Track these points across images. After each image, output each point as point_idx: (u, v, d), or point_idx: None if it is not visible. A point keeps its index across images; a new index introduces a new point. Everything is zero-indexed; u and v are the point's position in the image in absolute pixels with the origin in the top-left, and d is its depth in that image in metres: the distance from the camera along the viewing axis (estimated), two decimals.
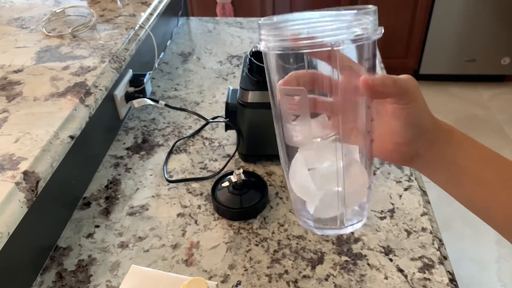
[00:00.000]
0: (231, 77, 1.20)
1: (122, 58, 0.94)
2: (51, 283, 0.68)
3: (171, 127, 1.01)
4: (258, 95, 0.82)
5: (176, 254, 0.72)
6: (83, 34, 1.00)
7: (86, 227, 0.77)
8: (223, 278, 0.68)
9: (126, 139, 0.98)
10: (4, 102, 0.76)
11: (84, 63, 0.88)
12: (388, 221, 0.77)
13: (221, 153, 0.93)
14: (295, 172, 0.44)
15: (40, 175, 0.63)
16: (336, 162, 0.42)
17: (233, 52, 1.33)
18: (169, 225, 0.77)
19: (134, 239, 0.74)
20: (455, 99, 2.81)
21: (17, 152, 0.65)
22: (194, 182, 0.86)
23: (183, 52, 1.34)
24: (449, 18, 2.59)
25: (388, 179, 0.85)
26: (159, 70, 1.24)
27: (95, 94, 0.81)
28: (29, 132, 0.69)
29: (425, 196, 0.82)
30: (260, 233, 0.75)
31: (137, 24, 1.06)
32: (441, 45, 2.70)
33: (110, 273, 0.69)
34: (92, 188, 0.85)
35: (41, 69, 0.86)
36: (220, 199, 0.78)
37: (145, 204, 0.81)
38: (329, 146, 0.43)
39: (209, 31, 1.46)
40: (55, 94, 0.78)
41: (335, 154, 0.42)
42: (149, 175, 0.88)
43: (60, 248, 0.74)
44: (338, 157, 0.42)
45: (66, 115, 0.73)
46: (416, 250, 0.71)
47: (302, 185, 0.45)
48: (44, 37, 0.99)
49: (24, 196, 0.60)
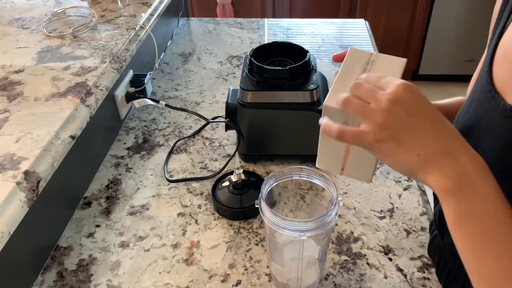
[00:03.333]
0: (231, 77, 1.21)
1: (123, 58, 0.94)
2: (52, 282, 0.68)
3: (172, 127, 1.02)
4: (258, 95, 0.82)
5: (176, 254, 0.72)
6: (83, 34, 1.01)
7: (86, 226, 0.78)
8: (223, 278, 0.68)
9: (127, 139, 0.98)
10: (5, 102, 0.77)
11: (85, 64, 0.88)
12: (387, 221, 0.77)
13: (221, 153, 0.93)
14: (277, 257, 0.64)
15: (41, 175, 0.63)
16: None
17: (233, 52, 1.33)
18: (170, 224, 0.77)
19: (134, 239, 0.75)
20: None
21: (18, 152, 0.65)
22: (195, 182, 0.86)
23: (184, 52, 1.34)
24: (449, 19, 2.60)
25: (388, 179, 0.86)
26: (160, 71, 1.25)
27: (96, 94, 0.81)
28: (30, 132, 0.69)
29: (424, 196, 0.82)
30: (260, 233, 0.75)
31: (137, 24, 1.06)
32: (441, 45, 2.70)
33: (111, 272, 0.69)
34: (92, 187, 0.86)
35: (42, 69, 0.87)
36: (220, 199, 0.78)
37: (145, 204, 0.81)
38: (295, 249, 0.62)
39: (209, 31, 1.47)
40: (56, 94, 0.79)
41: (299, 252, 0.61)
42: (150, 175, 0.88)
43: (61, 248, 0.74)
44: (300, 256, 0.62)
45: (67, 115, 0.73)
46: (416, 250, 0.72)
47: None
48: (45, 37, 0.99)
49: (25, 195, 0.60)
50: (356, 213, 0.79)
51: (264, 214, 0.57)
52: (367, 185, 0.84)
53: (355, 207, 0.80)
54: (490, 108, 0.50)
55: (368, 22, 1.48)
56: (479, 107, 0.53)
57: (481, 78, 0.54)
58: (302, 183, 0.65)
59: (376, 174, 0.86)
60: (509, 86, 0.48)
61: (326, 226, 0.55)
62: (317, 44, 1.36)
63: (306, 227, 0.54)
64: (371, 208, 0.79)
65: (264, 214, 0.57)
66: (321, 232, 0.56)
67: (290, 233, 0.55)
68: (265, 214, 0.57)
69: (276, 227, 0.55)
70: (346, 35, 1.42)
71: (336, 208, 0.56)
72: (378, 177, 0.86)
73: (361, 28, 1.45)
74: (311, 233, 0.55)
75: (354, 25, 1.48)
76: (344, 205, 0.80)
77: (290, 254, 0.62)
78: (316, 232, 0.55)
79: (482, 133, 0.51)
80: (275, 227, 0.55)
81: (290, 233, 0.55)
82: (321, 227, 0.55)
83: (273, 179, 0.62)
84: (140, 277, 0.68)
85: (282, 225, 0.55)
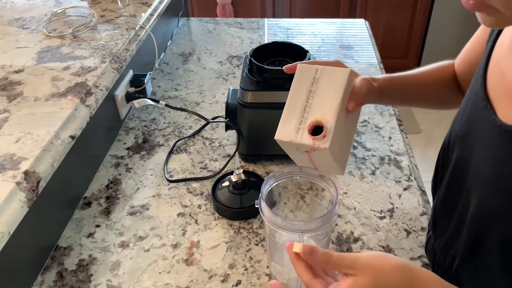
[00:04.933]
0: (231, 77, 1.21)
1: (123, 58, 0.94)
2: (51, 282, 0.68)
3: (172, 127, 1.02)
4: (258, 95, 0.82)
5: (176, 254, 0.72)
6: (83, 34, 1.01)
7: (86, 226, 0.77)
8: (223, 278, 0.68)
9: (127, 139, 0.98)
10: (5, 102, 0.77)
11: (85, 64, 0.88)
12: (387, 221, 0.77)
13: (221, 153, 0.93)
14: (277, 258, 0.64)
15: (41, 175, 0.63)
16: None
17: (233, 52, 1.33)
18: (170, 224, 0.77)
19: (134, 239, 0.75)
20: None
21: (18, 152, 0.65)
22: (195, 182, 0.86)
23: (184, 52, 1.34)
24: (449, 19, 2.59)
25: (388, 179, 0.86)
26: (160, 71, 1.24)
27: (96, 94, 0.81)
28: (30, 132, 0.69)
29: (424, 196, 0.82)
30: (260, 233, 0.75)
31: (137, 24, 1.06)
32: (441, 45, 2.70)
33: (111, 272, 0.69)
34: (92, 188, 0.86)
35: (42, 69, 0.87)
36: (220, 199, 0.78)
37: (145, 204, 0.81)
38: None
39: (209, 31, 1.47)
40: (56, 94, 0.79)
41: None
42: (150, 175, 0.88)
43: (61, 248, 0.74)
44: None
45: (66, 115, 0.73)
46: (416, 250, 0.71)
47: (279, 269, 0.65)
48: (45, 37, 0.99)
49: (25, 196, 0.60)
50: (356, 213, 0.79)
51: (264, 214, 0.57)
52: (367, 185, 0.84)
53: (355, 207, 0.80)
54: (482, 118, 0.50)
55: (368, 22, 1.48)
56: (473, 113, 0.52)
57: (476, 81, 0.53)
58: (302, 183, 0.65)
59: (376, 174, 0.86)
60: (500, 98, 0.48)
61: (326, 226, 0.55)
62: (317, 44, 1.36)
63: (306, 227, 0.54)
64: (371, 208, 0.79)
65: (264, 214, 0.57)
66: (321, 232, 0.56)
67: (290, 233, 0.55)
68: (265, 214, 0.57)
69: (276, 227, 0.55)
70: (346, 35, 1.42)
71: (336, 208, 0.56)
72: (378, 177, 0.86)
73: (361, 28, 1.45)
74: (311, 233, 0.55)
75: (354, 25, 1.48)
76: (344, 205, 0.80)
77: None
78: (316, 232, 0.55)
79: (475, 143, 0.51)
80: (275, 227, 0.55)
81: (290, 233, 0.55)
82: (321, 227, 0.55)
83: (273, 179, 0.62)
84: (140, 277, 0.68)
85: (282, 225, 0.55)
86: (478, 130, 0.51)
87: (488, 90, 0.50)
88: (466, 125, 0.54)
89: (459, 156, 0.55)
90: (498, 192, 0.47)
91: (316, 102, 0.58)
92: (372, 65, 1.25)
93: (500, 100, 0.48)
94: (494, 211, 0.48)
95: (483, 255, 0.52)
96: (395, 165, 0.89)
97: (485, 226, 0.50)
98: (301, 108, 0.58)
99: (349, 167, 0.88)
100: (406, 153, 0.92)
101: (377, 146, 0.94)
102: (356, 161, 0.90)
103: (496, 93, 0.48)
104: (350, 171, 0.88)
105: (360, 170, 0.88)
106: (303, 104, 0.58)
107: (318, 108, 0.57)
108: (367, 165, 0.89)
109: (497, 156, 0.47)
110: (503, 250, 0.48)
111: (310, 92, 0.58)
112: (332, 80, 0.58)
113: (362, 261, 0.43)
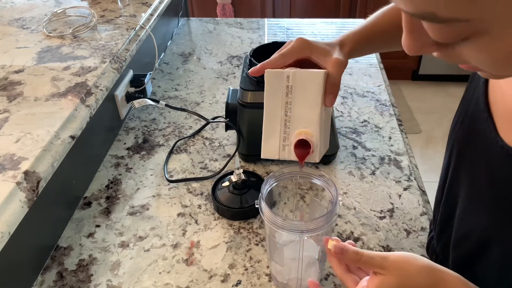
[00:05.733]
0: (231, 77, 1.21)
1: (123, 58, 0.94)
2: (51, 282, 0.68)
3: (172, 127, 1.02)
4: (258, 95, 0.82)
5: (176, 254, 0.72)
6: (83, 34, 1.01)
7: (86, 226, 0.78)
8: (223, 278, 0.68)
9: (127, 139, 0.98)
10: (5, 102, 0.77)
11: (85, 64, 0.88)
12: (387, 221, 0.77)
13: (221, 153, 0.93)
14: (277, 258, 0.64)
15: (41, 175, 0.63)
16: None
17: (233, 52, 1.33)
18: (170, 224, 0.77)
19: (134, 239, 0.75)
20: (455, 99, 2.81)
21: (18, 152, 0.65)
22: (195, 182, 0.86)
23: (184, 52, 1.34)
24: None
25: (388, 179, 0.86)
26: (160, 71, 1.25)
27: (96, 94, 0.81)
28: (30, 132, 0.69)
29: (424, 196, 0.82)
30: (260, 233, 0.75)
31: (137, 24, 1.06)
32: None
33: (111, 272, 0.69)
34: (92, 188, 0.86)
35: (42, 69, 0.87)
36: (220, 199, 0.78)
37: (145, 204, 0.81)
38: (295, 249, 0.61)
39: (209, 31, 1.47)
40: (56, 94, 0.79)
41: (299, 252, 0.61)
42: (150, 175, 0.88)
43: (61, 248, 0.74)
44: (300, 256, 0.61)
45: (67, 115, 0.73)
46: (416, 250, 0.72)
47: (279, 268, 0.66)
48: (45, 37, 0.99)
49: (25, 196, 0.60)
50: (356, 213, 0.79)
51: (264, 214, 0.57)
52: (367, 185, 0.84)
53: (355, 207, 0.80)
54: (484, 131, 0.47)
55: None
56: (474, 123, 0.50)
57: (475, 85, 0.51)
58: (302, 183, 0.65)
59: (376, 174, 0.86)
60: (501, 116, 0.45)
61: (326, 226, 0.55)
62: None
63: (306, 227, 0.55)
64: (371, 208, 0.79)
65: (264, 214, 0.57)
66: (321, 232, 0.56)
67: (290, 233, 0.55)
68: (265, 214, 0.57)
69: (276, 227, 0.55)
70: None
71: (336, 208, 0.56)
72: (378, 177, 0.86)
73: None
74: (311, 233, 0.55)
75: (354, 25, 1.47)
76: (344, 205, 0.80)
77: (290, 254, 0.62)
78: (316, 232, 0.55)
79: (476, 156, 0.50)
80: (275, 227, 0.55)
81: (290, 233, 0.55)
82: (321, 227, 0.55)
83: (273, 179, 0.62)
84: (140, 277, 0.68)
85: (282, 225, 0.55)
86: (478, 143, 0.48)
87: (489, 102, 0.48)
88: (467, 133, 0.52)
89: (457, 165, 0.55)
90: (499, 209, 0.46)
91: (295, 114, 0.56)
92: (372, 65, 1.25)
93: (501, 118, 0.45)
94: (492, 226, 0.48)
95: (482, 264, 0.52)
96: (395, 165, 0.89)
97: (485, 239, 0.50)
98: (282, 123, 0.57)
99: (349, 167, 0.88)
100: (406, 153, 0.92)
101: (377, 146, 0.94)
102: (356, 161, 0.90)
103: (497, 110, 0.46)
104: (350, 171, 0.88)
105: (360, 170, 0.88)
106: (282, 119, 0.56)
107: (299, 121, 0.56)
108: (367, 165, 0.89)
109: (498, 181, 0.45)
110: (504, 262, 0.48)
111: (287, 104, 0.56)
112: (307, 86, 0.55)
113: (391, 261, 0.46)
